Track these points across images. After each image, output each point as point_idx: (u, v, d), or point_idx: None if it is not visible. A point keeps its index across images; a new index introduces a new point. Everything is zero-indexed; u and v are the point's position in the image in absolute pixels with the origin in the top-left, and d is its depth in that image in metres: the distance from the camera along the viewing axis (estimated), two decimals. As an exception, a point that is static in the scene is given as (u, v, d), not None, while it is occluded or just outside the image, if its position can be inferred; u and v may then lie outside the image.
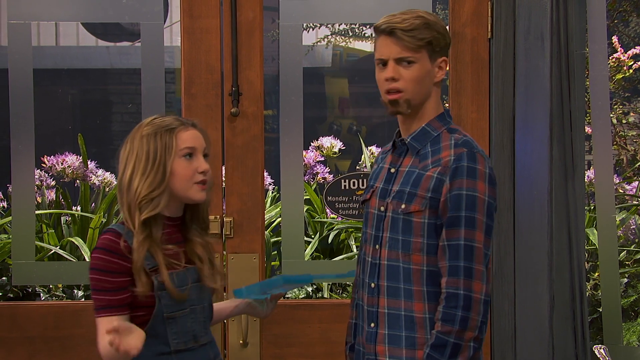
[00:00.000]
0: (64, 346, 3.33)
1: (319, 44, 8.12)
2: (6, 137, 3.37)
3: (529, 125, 3.24)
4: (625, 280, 4.14)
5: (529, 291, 3.24)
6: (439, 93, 2.42)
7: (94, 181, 4.46)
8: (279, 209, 4.25)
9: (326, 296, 3.93)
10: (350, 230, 4.26)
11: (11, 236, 3.53)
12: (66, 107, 8.80)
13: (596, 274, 4.07)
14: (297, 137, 3.40)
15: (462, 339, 2.24)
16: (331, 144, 4.86)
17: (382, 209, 2.40)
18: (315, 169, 4.77)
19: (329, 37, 8.16)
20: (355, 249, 4.16)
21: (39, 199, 4.50)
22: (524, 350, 3.24)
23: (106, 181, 4.50)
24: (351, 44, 8.28)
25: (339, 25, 8.03)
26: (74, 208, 4.45)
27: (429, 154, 2.37)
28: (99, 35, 8.89)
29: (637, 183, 4.93)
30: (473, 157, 2.30)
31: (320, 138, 4.91)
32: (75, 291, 3.84)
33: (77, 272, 3.47)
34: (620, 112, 5.62)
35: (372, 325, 2.40)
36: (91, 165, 4.50)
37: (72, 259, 3.91)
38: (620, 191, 4.88)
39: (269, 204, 4.63)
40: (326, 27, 7.84)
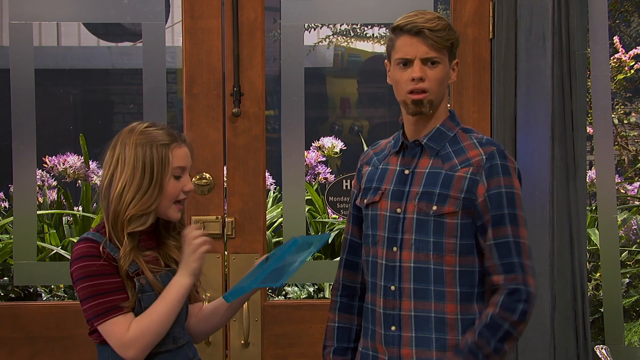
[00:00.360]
0: (65, 346, 3.33)
1: (320, 44, 8.11)
2: (8, 138, 3.37)
3: (530, 126, 3.24)
4: (627, 280, 4.14)
5: (530, 291, 3.23)
6: (447, 94, 2.45)
7: (96, 181, 4.46)
8: (280, 209, 4.26)
9: (327, 296, 3.92)
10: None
11: (12, 236, 3.53)
12: (68, 107, 8.80)
13: (598, 274, 4.07)
14: (299, 137, 3.40)
15: (516, 329, 2.27)
16: (332, 144, 4.86)
17: (398, 210, 2.37)
18: (317, 169, 4.77)
19: (331, 37, 8.16)
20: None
21: (41, 199, 4.50)
22: (525, 351, 3.24)
23: (107, 181, 4.49)
24: (353, 44, 8.27)
25: (340, 26, 8.03)
26: (75, 208, 4.45)
27: (451, 154, 2.37)
28: (101, 36, 8.90)
29: (638, 183, 4.93)
30: (504, 155, 2.35)
31: (322, 138, 4.91)
32: (77, 291, 3.84)
33: (79, 272, 3.46)
34: (622, 112, 5.62)
35: (392, 328, 2.37)
36: (92, 165, 4.50)
37: (73, 259, 3.91)
38: (622, 191, 4.88)
39: (270, 204, 4.63)
40: (327, 27, 7.84)
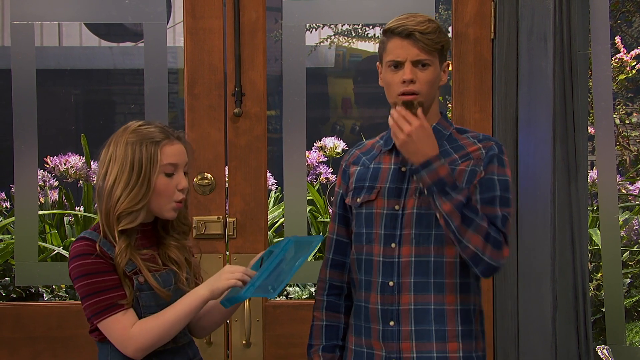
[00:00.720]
0: (67, 346, 3.33)
1: (322, 44, 8.11)
2: (9, 138, 3.37)
3: (531, 126, 3.24)
4: (628, 280, 4.15)
5: (532, 291, 3.23)
6: (439, 96, 2.51)
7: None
8: (281, 209, 4.26)
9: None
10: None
11: (14, 236, 3.53)
12: (69, 107, 8.81)
13: (599, 274, 4.07)
14: (300, 138, 3.40)
15: (479, 229, 2.29)
16: (334, 144, 4.87)
17: (396, 207, 2.42)
18: (318, 169, 4.77)
19: (332, 37, 8.16)
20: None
21: (42, 200, 4.50)
22: (527, 351, 3.24)
23: (109, 181, 4.49)
24: (354, 44, 8.28)
25: (341, 26, 8.03)
26: (76, 208, 4.45)
27: (449, 150, 2.43)
28: (102, 36, 8.91)
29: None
30: (501, 149, 2.43)
31: (323, 138, 4.91)
32: (78, 291, 3.84)
33: (80, 272, 3.46)
34: (623, 112, 5.62)
35: (391, 323, 2.41)
36: (94, 165, 4.49)
37: (75, 260, 3.91)
38: (623, 191, 4.88)
39: (272, 204, 4.63)
40: (329, 27, 7.84)
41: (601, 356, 3.29)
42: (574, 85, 3.22)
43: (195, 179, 3.27)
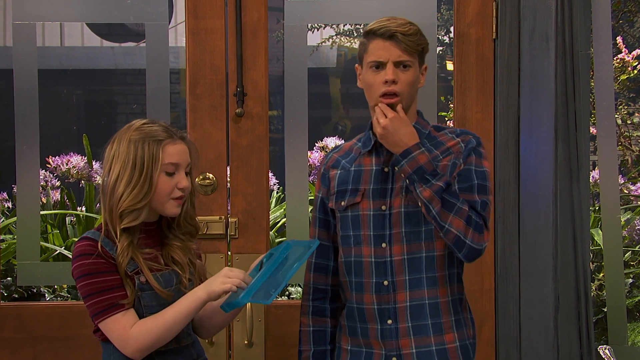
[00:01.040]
0: (69, 346, 3.33)
1: (323, 44, 8.12)
2: (11, 138, 3.37)
3: (533, 126, 3.24)
4: (630, 280, 4.15)
5: (533, 292, 3.23)
6: (417, 98, 2.55)
7: (99, 181, 4.46)
8: (283, 209, 4.25)
9: (331, 297, 3.92)
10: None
11: (16, 237, 3.53)
12: (71, 107, 8.82)
13: (601, 274, 4.07)
14: (302, 138, 3.40)
15: (461, 213, 2.33)
16: (335, 144, 4.86)
17: (383, 207, 2.46)
18: (320, 169, 4.76)
19: (334, 37, 8.18)
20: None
21: (44, 200, 4.51)
22: (528, 351, 3.24)
23: (111, 182, 4.49)
24: (356, 44, 8.29)
25: (343, 26, 8.04)
26: (78, 208, 4.45)
27: (430, 148, 2.47)
28: (104, 36, 8.92)
29: (642, 183, 4.92)
30: (479, 141, 2.48)
31: (325, 138, 4.91)
32: (80, 291, 3.85)
33: (82, 272, 3.46)
34: (625, 112, 5.62)
35: (389, 322, 2.44)
36: (96, 165, 4.50)
37: (77, 260, 3.91)
38: (625, 192, 4.88)
39: (273, 204, 4.63)
40: (331, 27, 7.86)
41: (603, 356, 3.29)
42: (575, 85, 3.22)
43: (197, 179, 3.27)
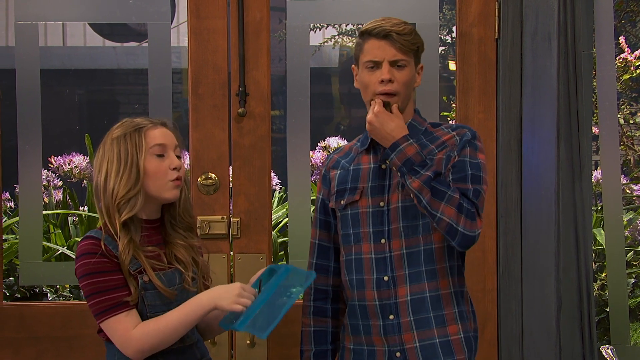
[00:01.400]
0: (71, 346, 3.33)
1: (326, 44, 8.12)
2: (13, 138, 3.38)
3: (536, 126, 3.24)
4: (633, 280, 4.14)
5: (536, 291, 3.23)
6: (413, 97, 2.58)
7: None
8: (285, 209, 4.26)
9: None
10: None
11: (18, 236, 3.53)
12: (73, 107, 8.82)
13: (603, 274, 4.07)
14: (304, 138, 3.40)
15: (451, 201, 2.33)
16: (338, 144, 4.86)
17: (381, 204, 2.48)
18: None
19: (336, 37, 8.17)
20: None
21: (46, 200, 4.51)
22: (531, 351, 3.24)
23: (113, 181, 4.49)
24: (358, 44, 8.27)
25: (345, 26, 8.03)
26: (81, 208, 4.45)
27: (426, 143, 2.50)
28: (106, 36, 8.92)
29: (644, 183, 4.92)
30: (474, 134, 2.49)
31: (327, 138, 4.91)
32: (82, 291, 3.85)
33: (84, 272, 3.46)
34: (628, 112, 5.60)
35: (390, 317, 2.46)
36: (98, 165, 4.49)
37: (79, 259, 3.91)
38: (628, 191, 4.88)
39: (276, 204, 4.63)
40: (333, 27, 7.85)
41: (605, 356, 3.29)
42: (578, 85, 3.22)
43: (199, 179, 3.27)
